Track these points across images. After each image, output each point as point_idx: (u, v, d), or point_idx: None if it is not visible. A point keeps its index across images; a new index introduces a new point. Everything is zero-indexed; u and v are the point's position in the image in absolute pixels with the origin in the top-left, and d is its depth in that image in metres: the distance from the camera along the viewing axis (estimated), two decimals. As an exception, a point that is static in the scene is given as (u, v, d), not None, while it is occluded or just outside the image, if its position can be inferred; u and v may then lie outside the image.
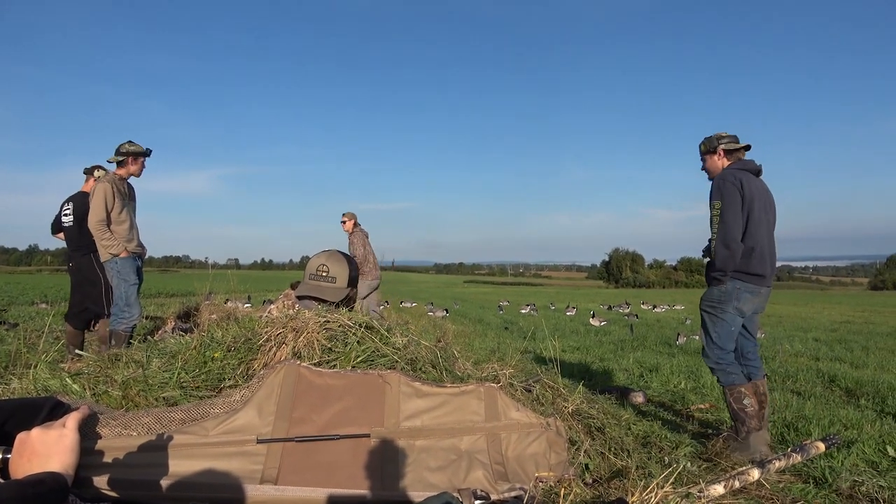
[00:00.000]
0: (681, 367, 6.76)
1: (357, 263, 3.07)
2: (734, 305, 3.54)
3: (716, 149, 3.71)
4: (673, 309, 21.96)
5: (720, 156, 3.71)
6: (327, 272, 2.87)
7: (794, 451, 2.85)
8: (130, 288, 5.48)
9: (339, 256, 2.95)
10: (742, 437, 3.42)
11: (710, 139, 3.75)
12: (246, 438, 1.98)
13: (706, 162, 3.81)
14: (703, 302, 3.71)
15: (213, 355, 2.36)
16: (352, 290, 2.96)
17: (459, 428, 2.18)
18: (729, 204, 3.46)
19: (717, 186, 3.56)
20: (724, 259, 3.47)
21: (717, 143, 3.70)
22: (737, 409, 3.48)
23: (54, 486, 1.14)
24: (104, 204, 5.32)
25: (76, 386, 2.32)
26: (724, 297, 3.56)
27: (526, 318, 15.81)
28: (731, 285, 3.54)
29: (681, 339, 9.39)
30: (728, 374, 3.54)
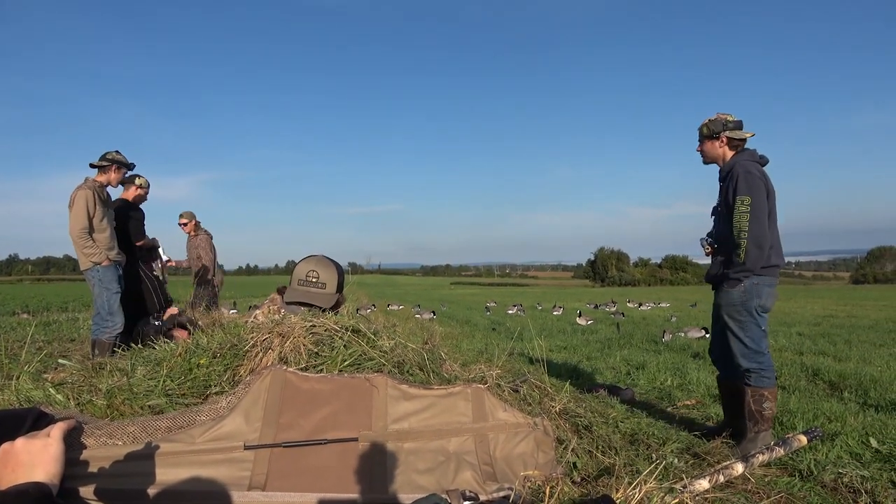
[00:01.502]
0: (667, 364, 6.81)
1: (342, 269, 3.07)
2: (757, 303, 3.40)
3: (719, 135, 3.52)
4: (658, 307, 22.10)
5: (722, 143, 3.54)
6: (317, 278, 2.86)
7: (777, 445, 2.88)
8: (113, 296, 5.42)
9: (327, 262, 2.95)
10: (750, 437, 3.43)
11: (716, 122, 3.53)
12: (233, 445, 1.97)
13: (704, 145, 3.62)
14: (724, 307, 3.54)
15: (199, 362, 2.35)
16: (340, 295, 2.96)
17: (447, 429, 2.19)
18: (759, 200, 3.31)
19: (744, 180, 3.35)
20: (755, 259, 3.32)
21: (721, 129, 3.51)
22: (754, 410, 3.42)
23: (38, 497, 1.13)
24: (87, 211, 5.25)
25: (60, 396, 2.30)
26: (745, 296, 3.42)
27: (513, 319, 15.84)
28: (749, 283, 3.39)
29: (667, 336, 9.45)
30: (763, 378, 3.42)
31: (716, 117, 3.55)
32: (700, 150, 3.68)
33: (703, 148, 3.65)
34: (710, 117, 3.58)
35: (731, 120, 3.52)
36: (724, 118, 3.52)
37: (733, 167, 3.46)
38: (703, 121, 3.63)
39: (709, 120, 3.58)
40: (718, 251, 3.67)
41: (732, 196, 3.39)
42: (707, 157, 3.66)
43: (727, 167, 3.53)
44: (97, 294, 5.42)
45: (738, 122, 3.52)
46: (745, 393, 3.48)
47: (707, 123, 3.57)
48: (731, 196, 3.42)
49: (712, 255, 3.74)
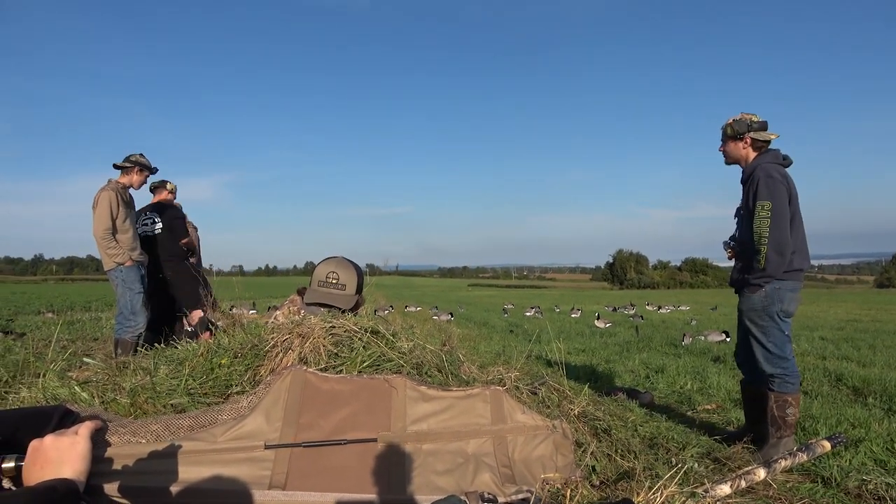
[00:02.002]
0: (687, 367, 6.74)
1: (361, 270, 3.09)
2: (779, 308, 3.35)
3: (743, 135, 3.46)
4: (678, 309, 21.89)
5: (746, 144, 3.47)
6: (337, 279, 2.88)
7: (800, 451, 2.84)
8: (136, 296, 5.50)
9: (347, 264, 2.97)
10: (772, 442, 3.38)
11: (740, 123, 3.46)
12: (254, 444, 1.99)
13: (727, 146, 3.56)
14: (746, 313, 3.49)
15: (221, 362, 2.38)
16: (360, 296, 2.98)
17: (466, 431, 2.19)
18: (780, 205, 3.25)
19: (764, 184, 3.29)
20: (776, 265, 3.27)
21: (746, 130, 3.44)
22: (777, 416, 3.37)
23: (66, 493, 1.15)
24: (110, 212, 5.33)
25: (85, 394, 2.34)
26: (767, 302, 3.37)
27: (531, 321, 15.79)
28: (771, 287, 3.34)
29: (686, 339, 9.36)
30: (787, 384, 3.37)
31: (740, 117, 3.49)
32: (723, 150, 3.62)
33: (725, 148, 3.60)
34: (735, 117, 3.52)
35: (755, 120, 3.46)
36: (749, 118, 3.46)
37: (755, 170, 3.40)
38: (726, 120, 3.57)
39: (733, 120, 3.52)
40: (740, 255, 3.62)
41: (753, 200, 3.35)
42: (729, 157, 3.60)
43: (749, 169, 3.47)
44: (120, 294, 5.50)
45: (763, 123, 3.46)
46: (769, 398, 3.43)
47: (731, 123, 3.51)
48: (751, 200, 3.37)
49: (735, 259, 3.70)
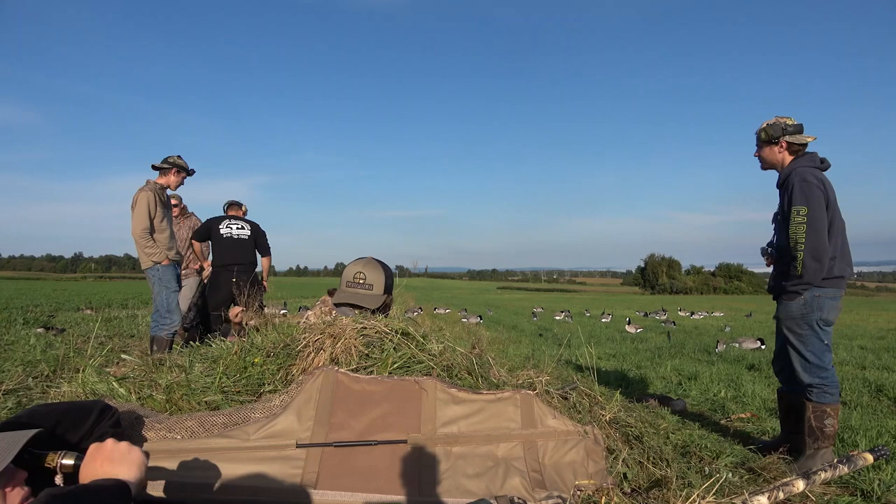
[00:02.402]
0: (721, 375, 6.62)
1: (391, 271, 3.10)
2: (819, 317, 3.26)
3: (778, 139, 3.37)
4: (712, 316, 21.51)
5: (782, 148, 3.39)
6: (364, 279, 2.90)
7: (840, 463, 2.76)
8: (172, 295, 5.61)
9: (375, 264, 2.98)
10: (809, 454, 3.30)
11: (774, 127, 3.36)
12: (286, 443, 2.01)
13: (762, 150, 3.47)
14: (784, 321, 3.41)
15: (254, 360, 2.41)
16: (388, 297, 2.98)
17: (496, 435, 2.18)
18: (817, 210, 3.16)
19: (800, 189, 3.19)
20: (814, 272, 3.18)
21: (781, 134, 3.35)
22: (815, 427, 3.28)
23: (117, 493, 1.18)
24: (148, 212, 5.45)
25: (122, 390, 2.39)
26: (806, 309, 3.28)
27: (560, 325, 15.67)
28: (810, 295, 3.25)
29: (720, 346, 9.19)
30: (826, 395, 3.28)
31: (774, 121, 3.41)
32: (758, 155, 3.55)
33: (760, 153, 3.52)
34: (769, 121, 3.43)
35: (791, 123, 3.37)
36: (784, 122, 3.38)
37: (790, 174, 3.31)
38: (760, 125, 3.48)
39: (767, 124, 3.43)
40: (778, 262, 3.53)
41: (788, 205, 3.26)
42: (765, 162, 3.52)
43: (784, 173, 3.38)
44: (156, 292, 5.62)
45: (799, 126, 3.37)
46: (806, 408, 3.33)
47: (765, 128, 3.43)
48: (787, 205, 3.29)
49: (773, 266, 3.62)
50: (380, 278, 2.94)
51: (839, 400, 3.36)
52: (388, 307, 3.04)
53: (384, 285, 2.95)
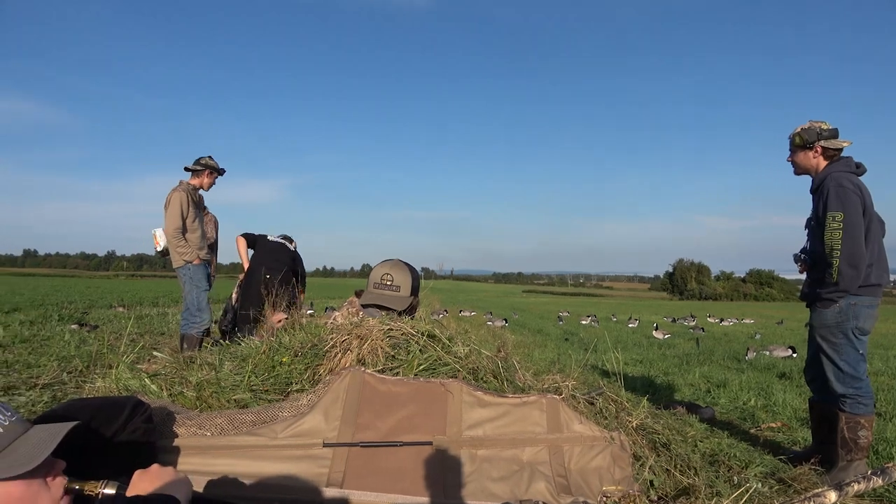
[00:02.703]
0: (750, 383, 6.50)
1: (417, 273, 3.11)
2: (854, 325, 3.19)
3: (813, 144, 3.30)
4: (742, 323, 21.15)
5: (816, 153, 3.31)
6: (391, 281, 2.92)
7: (874, 475, 2.70)
8: (202, 294, 5.70)
9: (402, 266, 3.00)
10: (842, 465, 3.23)
11: (809, 131, 3.29)
12: (313, 442, 2.03)
13: (796, 155, 3.40)
14: (818, 329, 3.34)
15: (282, 360, 2.44)
16: (415, 298, 3.00)
17: (521, 439, 2.18)
18: (853, 216, 3.09)
19: (835, 194, 3.13)
20: (851, 279, 3.11)
21: (815, 139, 3.27)
22: (848, 438, 3.22)
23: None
24: (181, 212, 5.56)
25: (154, 386, 2.44)
26: (841, 317, 3.21)
27: (587, 330, 15.56)
28: (846, 303, 3.18)
29: (750, 353, 9.03)
30: (860, 405, 3.22)
31: (809, 125, 3.33)
32: (791, 160, 3.47)
33: (794, 158, 3.44)
34: (803, 125, 3.36)
35: (825, 128, 3.29)
36: (819, 126, 3.30)
37: (825, 179, 3.24)
38: (794, 129, 3.41)
39: (801, 128, 3.36)
40: (812, 269, 3.45)
41: (823, 211, 3.19)
42: (799, 168, 3.44)
43: (819, 179, 3.31)
44: (187, 291, 5.71)
45: (834, 131, 3.30)
46: (839, 419, 3.26)
47: (799, 132, 3.36)
48: (822, 211, 3.21)
49: (806, 273, 3.54)
50: (407, 280, 2.96)
51: (874, 411, 3.29)
52: (415, 309, 3.06)
53: (411, 287, 2.97)
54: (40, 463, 1.21)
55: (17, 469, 1.18)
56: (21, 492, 1.19)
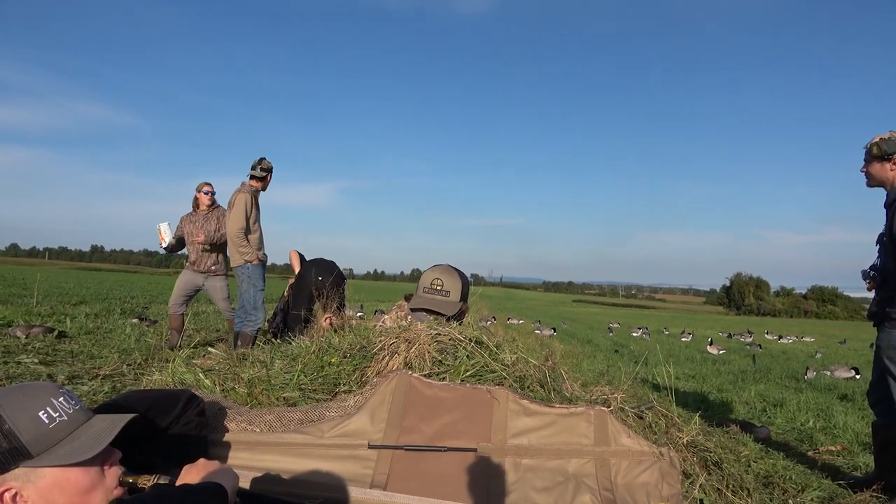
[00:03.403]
0: (809, 403, 6.25)
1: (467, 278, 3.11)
2: None
3: (892, 156, 3.17)
4: (801, 340, 20.36)
5: (894, 165, 3.18)
6: (441, 286, 2.93)
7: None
8: (259, 293, 5.85)
9: (452, 271, 3.01)
10: None
11: (889, 142, 3.17)
12: (358, 443, 2.05)
13: (871, 166, 3.27)
14: (885, 350, 3.23)
15: (331, 360, 2.47)
16: (464, 304, 3.00)
17: (567, 450, 2.15)
18: None
19: None
20: None
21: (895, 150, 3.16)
22: None
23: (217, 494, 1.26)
24: (245, 213, 5.75)
25: (208, 381, 2.51)
26: None
27: (637, 342, 15.25)
28: None
29: (810, 373, 8.68)
30: None
31: (889, 135, 3.19)
32: (866, 171, 3.32)
33: (870, 169, 3.29)
34: (882, 135, 3.22)
35: None
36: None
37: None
38: (872, 139, 3.27)
39: (881, 138, 3.21)
40: (882, 286, 3.31)
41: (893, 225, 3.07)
42: (874, 179, 3.29)
43: (894, 192, 3.17)
44: (244, 290, 5.88)
45: None
46: None
47: (878, 142, 3.21)
48: (895, 227, 3.09)
49: (875, 291, 3.39)
50: (457, 285, 2.96)
51: None
52: (464, 315, 3.06)
53: (461, 293, 2.97)
54: (99, 451, 1.26)
55: (77, 456, 1.23)
56: (79, 478, 1.24)
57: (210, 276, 6.62)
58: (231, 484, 1.33)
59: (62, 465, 1.22)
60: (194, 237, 6.46)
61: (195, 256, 6.59)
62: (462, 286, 2.99)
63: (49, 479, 1.21)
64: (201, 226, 6.54)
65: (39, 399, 1.26)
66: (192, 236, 6.54)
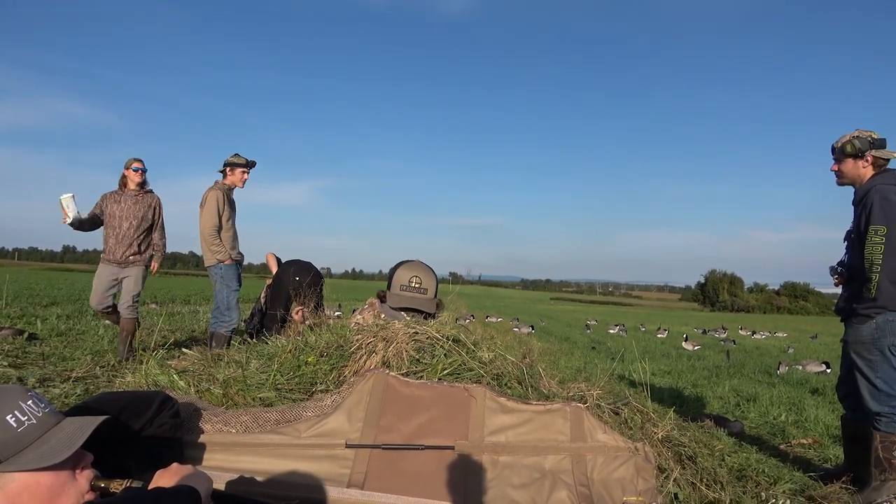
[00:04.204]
0: (781, 398, 6.36)
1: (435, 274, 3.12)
2: (891, 342, 3.10)
3: (864, 154, 3.22)
4: (774, 336, 20.71)
5: (867, 162, 3.23)
6: (420, 283, 2.93)
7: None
8: (232, 293, 5.78)
9: (427, 268, 3.02)
10: (875, 485, 3.15)
11: (862, 140, 3.21)
12: (335, 443, 2.04)
13: (844, 165, 3.31)
14: (853, 345, 3.27)
15: (307, 360, 2.46)
16: (439, 300, 3.01)
17: (544, 446, 2.16)
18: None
19: (880, 208, 3.06)
20: (890, 296, 3.04)
21: (868, 148, 3.19)
22: (882, 458, 3.13)
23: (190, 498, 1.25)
24: (217, 210, 5.65)
25: (182, 382, 2.48)
26: (877, 334, 3.12)
27: (614, 339, 15.39)
28: (883, 319, 3.10)
29: (782, 368, 8.84)
30: (895, 424, 3.13)
31: (858, 134, 3.25)
32: (837, 169, 3.37)
33: (842, 167, 3.34)
34: (852, 134, 3.28)
35: (876, 138, 3.22)
36: (869, 135, 3.23)
37: (869, 191, 3.16)
38: (841, 138, 3.33)
39: (852, 137, 3.27)
40: (849, 283, 3.37)
41: (865, 224, 3.11)
42: (845, 177, 3.35)
43: (863, 190, 3.22)
44: (218, 290, 5.80)
45: (883, 141, 3.22)
46: (873, 437, 3.17)
47: (851, 140, 3.26)
48: (863, 224, 3.14)
49: (842, 287, 3.45)
50: (433, 282, 2.98)
51: None
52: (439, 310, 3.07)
53: (436, 288, 2.99)
54: (70, 455, 1.24)
55: (47, 460, 1.21)
56: (50, 482, 1.21)
57: (128, 265, 5.88)
58: (205, 487, 1.31)
59: (32, 469, 1.19)
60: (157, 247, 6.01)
61: (113, 243, 5.83)
62: (436, 282, 3.01)
63: (18, 483, 1.18)
64: (129, 208, 5.83)
65: (7, 403, 1.23)
66: (113, 219, 5.82)
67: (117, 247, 5.82)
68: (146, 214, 5.91)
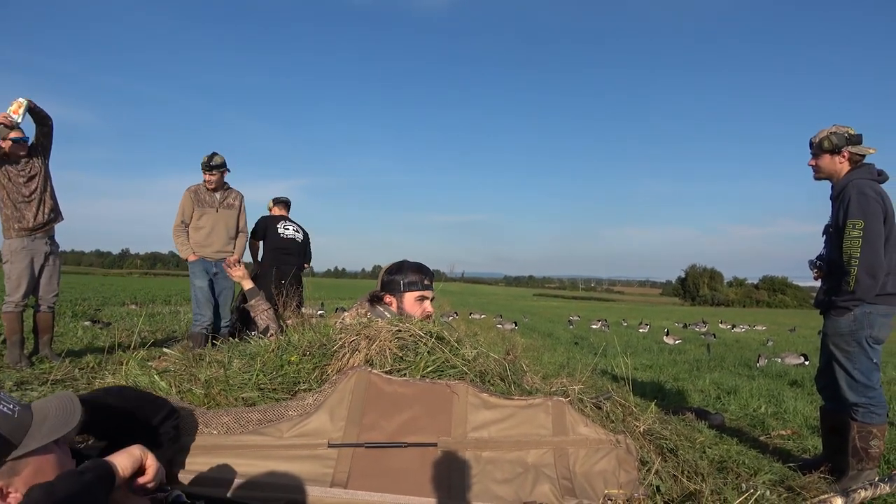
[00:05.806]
0: (761, 390, 6.46)
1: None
2: (868, 334, 3.16)
3: (841, 149, 3.26)
4: (753, 329, 20.98)
5: (843, 158, 3.27)
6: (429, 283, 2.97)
7: (882, 482, 2.68)
8: (199, 291, 5.75)
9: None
10: (852, 475, 3.21)
11: (839, 136, 3.25)
12: (318, 442, 2.04)
13: (821, 160, 3.34)
14: (831, 337, 3.32)
15: (290, 359, 2.45)
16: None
17: (526, 441, 2.18)
18: (874, 224, 3.07)
19: (857, 202, 3.11)
20: (867, 288, 3.09)
21: (845, 143, 3.23)
22: (859, 448, 3.20)
23: (101, 473, 1.27)
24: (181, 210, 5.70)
25: (163, 383, 2.45)
26: (855, 326, 3.18)
27: (597, 334, 15.50)
28: (861, 311, 3.15)
29: (762, 360, 8.96)
30: (872, 415, 3.19)
31: (835, 129, 3.29)
32: (815, 164, 3.41)
33: (819, 163, 3.38)
34: (830, 129, 3.32)
35: (852, 133, 3.26)
36: (846, 131, 3.27)
37: (846, 186, 3.21)
38: (818, 133, 3.37)
39: (829, 132, 3.31)
40: (828, 276, 3.43)
41: (843, 218, 3.17)
42: (822, 172, 3.39)
43: (840, 185, 3.27)
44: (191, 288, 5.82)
45: (859, 136, 3.26)
46: (851, 428, 3.24)
47: (828, 136, 3.30)
48: (841, 218, 3.19)
49: (821, 280, 3.51)
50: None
51: (886, 420, 3.25)
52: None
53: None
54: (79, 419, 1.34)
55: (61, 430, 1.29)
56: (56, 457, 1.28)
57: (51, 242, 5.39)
58: (124, 462, 1.34)
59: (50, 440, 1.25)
60: None
61: (33, 210, 5.11)
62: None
63: (32, 466, 1.23)
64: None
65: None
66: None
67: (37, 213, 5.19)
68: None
